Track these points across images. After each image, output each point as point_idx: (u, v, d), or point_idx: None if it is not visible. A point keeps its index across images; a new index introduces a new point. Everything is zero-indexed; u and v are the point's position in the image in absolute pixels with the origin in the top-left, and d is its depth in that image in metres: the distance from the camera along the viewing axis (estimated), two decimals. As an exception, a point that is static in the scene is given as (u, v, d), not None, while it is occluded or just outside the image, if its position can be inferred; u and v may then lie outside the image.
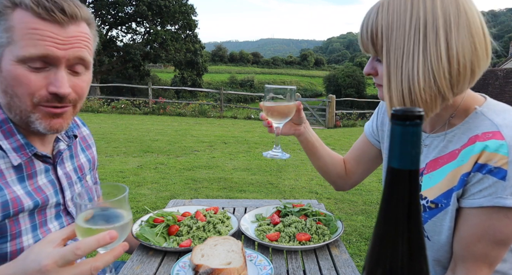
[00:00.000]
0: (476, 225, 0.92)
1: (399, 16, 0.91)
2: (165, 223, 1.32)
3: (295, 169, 6.35)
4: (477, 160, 0.90)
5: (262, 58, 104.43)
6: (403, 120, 0.43)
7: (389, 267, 0.49)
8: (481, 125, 0.94)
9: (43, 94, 0.91)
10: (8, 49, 0.88)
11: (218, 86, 41.53)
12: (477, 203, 0.91)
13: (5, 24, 0.88)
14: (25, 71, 0.89)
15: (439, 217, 0.99)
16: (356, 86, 53.56)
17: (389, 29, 0.92)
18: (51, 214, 1.04)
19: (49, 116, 0.94)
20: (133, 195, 4.68)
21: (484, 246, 0.92)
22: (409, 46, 0.90)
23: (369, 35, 0.95)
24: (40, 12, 0.88)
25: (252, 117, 15.29)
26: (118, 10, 30.73)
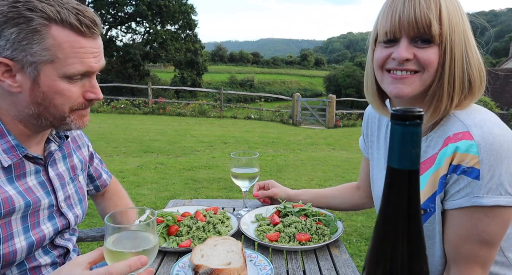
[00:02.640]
0: (460, 226, 0.93)
1: (455, 6, 0.94)
2: (164, 223, 1.32)
3: (295, 169, 6.35)
4: (451, 162, 0.91)
5: (262, 58, 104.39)
6: (403, 120, 0.43)
7: (389, 267, 0.49)
8: (453, 126, 0.95)
9: (80, 101, 0.99)
10: (50, 66, 0.90)
11: (218, 86, 41.52)
12: (457, 204, 0.92)
13: (46, 43, 0.89)
14: (68, 85, 0.94)
15: (430, 222, 0.99)
16: (356, 86, 53.52)
17: (451, 15, 0.92)
18: (44, 215, 1.04)
19: (81, 116, 1.03)
20: (133, 195, 4.67)
21: (472, 246, 0.92)
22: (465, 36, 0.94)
23: (435, 13, 0.90)
24: (84, 31, 0.92)
25: (252, 117, 15.29)
26: (117, 10, 30.72)
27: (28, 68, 0.90)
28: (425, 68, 0.93)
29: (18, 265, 1.00)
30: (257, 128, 12.11)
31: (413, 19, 0.90)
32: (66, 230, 1.13)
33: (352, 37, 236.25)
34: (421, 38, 0.92)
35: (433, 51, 0.92)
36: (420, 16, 0.90)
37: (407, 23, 0.91)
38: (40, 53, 0.88)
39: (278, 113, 15.94)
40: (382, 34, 0.96)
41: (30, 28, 0.87)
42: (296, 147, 8.69)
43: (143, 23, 32.32)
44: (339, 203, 1.56)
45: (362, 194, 1.52)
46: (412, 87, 0.96)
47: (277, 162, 6.89)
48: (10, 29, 0.86)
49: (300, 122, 14.58)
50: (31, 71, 0.90)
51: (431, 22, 0.90)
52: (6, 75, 0.90)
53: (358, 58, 79.76)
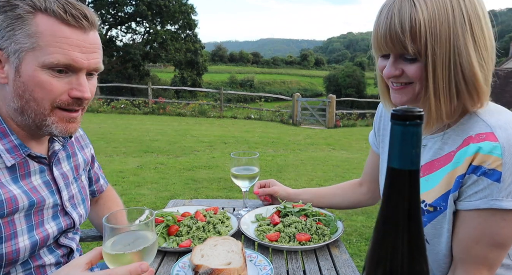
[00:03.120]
0: (473, 228, 0.91)
1: (440, 8, 0.85)
2: (164, 223, 1.32)
3: (295, 169, 6.35)
4: (472, 162, 0.89)
5: (262, 58, 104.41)
6: (403, 120, 0.43)
7: (389, 267, 0.49)
8: (475, 126, 0.93)
9: (64, 98, 0.94)
10: (31, 54, 0.88)
11: (218, 86, 41.54)
12: (473, 205, 0.90)
13: (29, 30, 0.87)
14: (48, 77, 0.90)
15: (438, 220, 0.98)
16: (356, 86, 53.55)
17: (432, 23, 0.85)
18: (48, 214, 1.04)
19: (66, 120, 0.97)
20: (133, 195, 4.67)
21: (482, 248, 0.91)
22: (457, 41, 0.86)
23: (408, 31, 0.86)
24: (68, 19, 0.89)
25: (252, 117, 15.29)
26: (117, 10, 30.72)
27: (12, 57, 0.88)
28: (415, 81, 0.93)
29: (23, 264, 1.00)
30: (257, 128, 12.11)
31: (389, 40, 0.89)
32: (70, 230, 1.13)
33: (352, 37, 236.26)
34: (404, 55, 0.91)
35: (418, 65, 0.90)
36: (394, 36, 0.88)
37: (385, 45, 0.91)
38: (22, 40, 0.87)
39: (278, 113, 15.94)
40: (373, 50, 0.98)
41: (14, 14, 0.87)
42: (296, 147, 8.69)
43: (143, 23, 32.32)
44: (340, 201, 1.56)
45: (364, 190, 1.51)
46: (408, 96, 0.96)
47: (277, 162, 6.89)
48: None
49: (300, 122, 14.58)
50: (14, 60, 0.88)
51: (405, 42, 0.87)
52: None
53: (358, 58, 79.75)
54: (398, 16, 0.87)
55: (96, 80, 1.04)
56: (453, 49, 0.86)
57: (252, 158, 1.49)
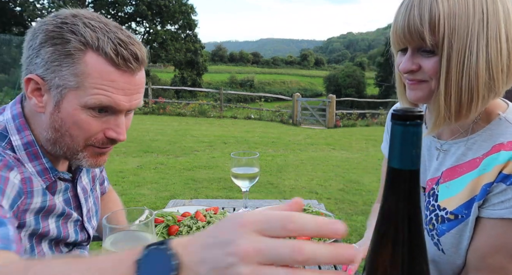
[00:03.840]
0: (494, 237, 0.88)
1: (461, 3, 0.82)
2: (165, 223, 1.32)
3: (295, 169, 6.35)
4: (502, 170, 0.85)
5: (262, 58, 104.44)
6: (404, 120, 0.43)
7: (389, 268, 0.48)
8: (506, 132, 0.89)
9: (99, 137, 0.91)
10: (74, 93, 0.85)
11: (218, 86, 41.52)
12: (497, 214, 0.86)
13: (76, 68, 0.84)
14: (87, 116, 0.87)
15: (458, 229, 0.93)
16: (356, 86, 53.56)
17: (451, 15, 0.82)
18: (71, 227, 1.04)
19: (97, 155, 0.95)
20: (133, 195, 4.68)
21: (502, 258, 0.87)
22: (472, 37, 0.82)
23: (427, 23, 0.83)
24: (118, 63, 0.85)
25: (252, 117, 15.30)
26: (117, 10, 30.74)
27: (54, 91, 0.86)
28: (431, 78, 0.89)
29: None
30: (257, 128, 12.11)
31: (407, 33, 0.86)
32: (83, 243, 1.12)
33: (352, 37, 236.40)
34: (422, 48, 0.88)
35: (435, 59, 0.87)
36: (413, 27, 0.85)
37: (403, 37, 0.88)
38: (68, 77, 0.84)
39: (278, 113, 15.94)
40: (391, 44, 0.94)
41: (64, 50, 0.83)
42: (296, 147, 8.69)
43: (143, 23, 32.34)
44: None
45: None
46: (423, 93, 0.92)
47: (277, 162, 6.89)
48: (47, 48, 0.84)
49: (300, 122, 14.59)
50: (56, 94, 0.86)
51: (423, 34, 0.84)
52: (36, 93, 0.88)
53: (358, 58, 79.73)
54: (418, 7, 0.84)
55: (133, 114, 1.01)
56: (469, 45, 0.83)
57: (252, 158, 1.49)
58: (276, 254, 0.40)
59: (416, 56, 0.89)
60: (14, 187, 0.83)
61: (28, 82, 0.88)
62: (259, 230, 0.42)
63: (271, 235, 0.42)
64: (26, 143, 0.91)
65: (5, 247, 0.67)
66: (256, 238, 0.41)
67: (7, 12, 27.12)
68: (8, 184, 0.82)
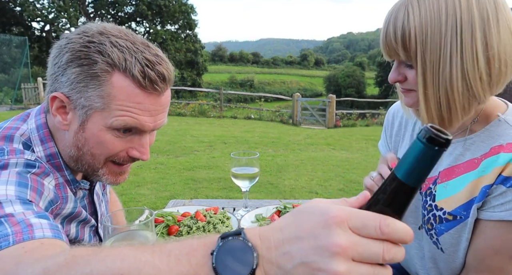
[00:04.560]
0: (493, 238, 0.88)
1: (433, 15, 0.82)
2: (165, 223, 1.32)
3: (295, 169, 6.35)
4: (501, 172, 0.85)
5: (262, 58, 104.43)
6: (433, 144, 0.42)
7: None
8: (505, 134, 0.88)
9: (122, 155, 0.91)
10: (100, 114, 0.84)
11: (218, 86, 41.52)
12: (497, 216, 0.86)
13: (102, 90, 0.83)
14: (112, 137, 0.87)
15: (457, 229, 0.93)
16: (356, 86, 53.58)
17: (423, 31, 0.83)
18: (87, 232, 1.04)
19: (117, 173, 0.95)
20: (133, 195, 4.67)
21: (501, 260, 0.88)
22: (446, 49, 0.83)
23: (400, 39, 0.85)
24: (145, 85, 0.84)
25: (252, 117, 15.30)
26: (117, 10, 30.75)
27: (80, 111, 0.85)
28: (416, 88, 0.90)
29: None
30: (257, 128, 12.11)
31: (386, 48, 0.89)
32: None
33: (352, 37, 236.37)
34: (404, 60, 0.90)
35: (410, 70, 0.90)
36: (389, 43, 0.88)
37: (385, 51, 0.91)
38: (93, 99, 0.83)
39: (278, 113, 15.94)
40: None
41: (91, 71, 0.82)
42: (296, 147, 8.69)
43: (143, 23, 32.36)
44: None
45: None
46: (413, 100, 0.93)
47: (277, 162, 6.89)
48: (73, 68, 0.83)
49: (300, 122, 14.59)
50: (82, 114, 0.86)
51: (397, 49, 0.86)
52: (61, 110, 0.88)
53: (358, 58, 79.75)
54: (393, 23, 0.86)
55: (156, 132, 1.00)
56: (442, 58, 0.83)
57: (252, 158, 1.49)
58: (370, 253, 0.42)
59: (401, 67, 0.92)
60: (50, 192, 0.84)
61: (53, 100, 0.87)
62: (353, 227, 0.43)
63: (363, 234, 0.43)
64: (49, 155, 0.92)
65: (57, 236, 0.67)
66: (351, 234, 0.43)
67: (7, 12, 27.12)
68: (45, 188, 0.83)
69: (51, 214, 0.85)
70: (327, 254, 0.41)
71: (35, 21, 28.77)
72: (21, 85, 16.19)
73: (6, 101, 16.48)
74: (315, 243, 0.42)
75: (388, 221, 0.43)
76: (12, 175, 0.76)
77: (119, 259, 0.48)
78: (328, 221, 0.43)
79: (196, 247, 0.47)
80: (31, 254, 0.58)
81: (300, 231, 0.44)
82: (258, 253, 0.44)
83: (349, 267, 0.41)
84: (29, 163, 0.82)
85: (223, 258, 0.44)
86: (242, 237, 0.45)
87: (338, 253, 0.41)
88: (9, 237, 0.62)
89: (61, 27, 27.91)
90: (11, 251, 0.60)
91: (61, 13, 27.16)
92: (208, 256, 0.45)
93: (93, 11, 31.16)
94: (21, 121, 0.94)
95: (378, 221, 0.43)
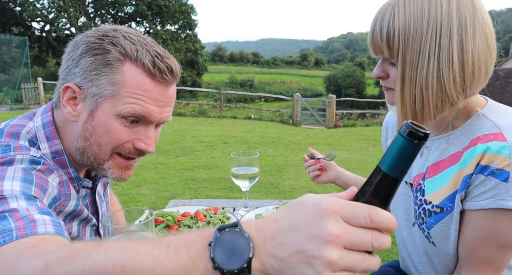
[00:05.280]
0: (480, 228, 0.91)
1: (416, 17, 0.88)
2: (165, 223, 1.32)
3: (295, 169, 6.35)
4: (479, 162, 0.89)
5: (262, 58, 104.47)
6: (413, 137, 0.45)
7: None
8: (483, 126, 0.92)
9: (127, 147, 0.93)
10: (109, 101, 0.87)
11: (218, 86, 41.52)
12: (480, 205, 0.89)
13: (114, 78, 0.86)
14: (120, 126, 0.89)
15: (445, 221, 0.97)
16: (356, 86, 53.61)
17: (406, 31, 0.88)
18: (87, 232, 1.05)
19: (122, 167, 0.96)
20: (133, 195, 4.67)
21: (489, 249, 0.90)
22: (425, 50, 0.88)
23: (385, 37, 0.91)
24: (155, 73, 0.87)
25: (252, 117, 15.30)
26: (118, 10, 30.77)
27: (90, 99, 0.88)
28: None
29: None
30: (257, 128, 12.11)
31: (372, 45, 0.95)
32: None
33: (352, 37, 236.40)
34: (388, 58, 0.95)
35: (393, 68, 0.95)
36: (375, 41, 0.93)
37: (371, 48, 0.96)
38: (104, 86, 0.86)
39: (278, 113, 15.94)
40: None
41: (104, 60, 0.86)
42: (296, 147, 8.69)
43: (143, 23, 32.37)
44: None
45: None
46: (393, 98, 0.99)
47: (277, 162, 6.89)
48: (87, 58, 0.87)
49: (300, 122, 14.59)
50: (91, 103, 0.88)
51: (382, 47, 0.92)
52: (71, 102, 0.90)
53: (358, 58, 79.79)
54: (380, 22, 0.92)
55: (161, 128, 1.02)
56: (421, 59, 0.89)
57: (252, 158, 1.49)
58: (360, 240, 0.45)
59: (385, 64, 0.98)
60: (54, 189, 0.85)
61: (65, 91, 0.89)
62: (345, 217, 0.46)
63: (354, 223, 0.46)
64: (54, 152, 0.93)
65: (59, 232, 0.68)
66: (343, 224, 0.45)
67: (7, 12, 27.12)
68: (49, 185, 0.84)
69: (54, 211, 0.86)
70: (321, 243, 0.44)
71: (35, 21, 28.78)
72: (21, 85, 16.20)
73: (6, 101, 16.49)
74: (309, 232, 0.45)
75: (376, 210, 0.46)
76: (18, 171, 0.77)
77: (119, 251, 0.49)
78: (321, 212, 0.46)
79: (195, 239, 0.48)
80: (33, 249, 0.58)
81: (295, 222, 0.46)
82: (254, 243, 0.46)
83: (341, 254, 0.44)
84: (34, 160, 0.83)
85: (220, 249, 0.46)
86: (238, 229, 0.47)
87: (331, 241, 0.44)
88: (13, 232, 0.63)
89: (61, 27, 27.91)
90: (13, 246, 0.60)
91: (61, 13, 27.16)
92: (206, 247, 0.47)
93: (93, 11, 31.17)
94: (27, 119, 0.95)
95: (367, 211, 0.46)
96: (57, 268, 0.50)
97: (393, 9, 0.90)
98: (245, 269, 0.45)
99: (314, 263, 0.44)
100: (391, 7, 0.90)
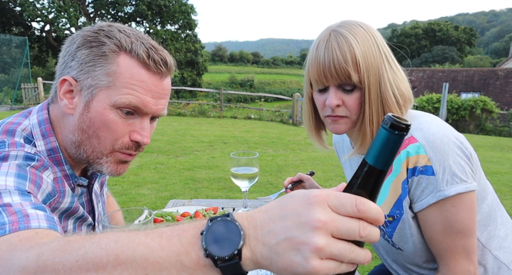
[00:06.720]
0: (434, 223, 0.99)
1: (366, 43, 0.99)
2: (164, 223, 1.32)
3: (295, 169, 6.35)
4: (408, 166, 0.99)
5: (262, 58, 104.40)
6: (394, 129, 0.48)
7: None
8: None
9: (125, 141, 0.93)
10: (105, 92, 0.88)
11: (218, 86, 41.50)
12: (425, 203, 0.98)
13: (109, 68, 0.88)
14: (116, 117, 0.90)
15: (400, 227, 1.05)
16: (356, 86, 53.52)
17: (365, 56, 0.98)
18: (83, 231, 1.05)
19: (119, 162, 0.96)
20: (133, 196, 4.68)
21: (450, 239, 0.98)
22: (381, 72, 1.00)
23: (350, 62, 0.97)
24: (149, 64, 0.89)
25: (252, 117, 15.30)
26: (118, 10, 30.76)
27: (86, 91, 0.89)
28: (352, 113, 1.04)
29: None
30: (257, 128, 12.11)
31: (334, 72, 0.99)
32: None
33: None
34: (343, 86, 1.02)
35: (356, 95, 1.02)
36: (339, 68, 0.98)
37: (329, 75, 1.00)
38: (100, 77, 0.88)
39: (278, 113, 15.94)
40: (314, 83, 1.06)
41: (99, 51, 0.88)
42: (296, 147, 8.69)
43: (143, 23, 32.36)
44: None
45: None
46: (345, 126, 1.07)
47: (277, 162, 6.89)
48: (83, 51, 0.89)
49: (300, 122, 14.58)
50: (87, 95, 0.89)
51: (349, 72, 0.98)
52: (67, 95, 0.91)
53: (358, 58, 79.27)
54: (338, 49, 0.98)
55: (156, 123, 1.03)
56: (380, 78, 1.00)
57: (252, 158, 1.49)
58: (347, 228, 0.46)
59: (338, 92, 1.03)
60: (48, 185, 0.86)
61: (62, 84, 0.91)
62: (332, 206, 0.47)
63: (341, 211, 0.47)
64: (50, 149, 0.93)
65: (53, 227, 0.68)
66: (330, 212, 0.47)
67: (7, 12, 27.13)
68: (43, 182, 0.84)
69: (49, 207, 0.86)
70: (308, 229, 0.45)
71: (35, 21, 28.78)
72: (21, 85, 16.19)
73: (6, 101, 16.49)
74: (298, 219, 0.46)
75: (363, 200, 0.48)
76: (12, 167, 0.78)
77: (112, 241, 0.50)
78: (309, 200, 0.47)
79: (187, 229, 0.50)
80: (26, 242, 0.59)
81: (284, 211, 0.47)
82: (245, 231, 0.48)
83: (328, 241, 0.45)
84: (28, 156, 0.84)
85: (212, 237, 0.48)
86: (230, 218, 0.49)
87: (319, 228, 0.45)
88: (6, 225, 0.63)
89: (61, 27, 27.88)
90: (6, 239, 0.61)
91: (61, 13, 27.14)
92: (198, 236, 0.48)
93: (93, 11, 31.17)
94: (23, 117, 0.96)
95: (354, 200, 0.47)
96: (50, 258, 0.51)
97: (343, 37, 0.98)
98: (235, 256, 0.46)
99: (302, 249, 0.44)
100: (338, 36, 0.99)
